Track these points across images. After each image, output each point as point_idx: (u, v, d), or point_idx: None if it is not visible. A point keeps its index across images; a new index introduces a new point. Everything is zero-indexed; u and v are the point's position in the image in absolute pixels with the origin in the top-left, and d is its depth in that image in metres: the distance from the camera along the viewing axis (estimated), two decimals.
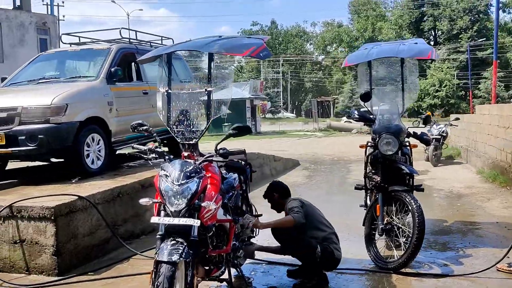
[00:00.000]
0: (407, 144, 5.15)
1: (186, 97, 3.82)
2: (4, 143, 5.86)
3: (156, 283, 3.02)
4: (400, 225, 4.71)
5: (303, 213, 4.28)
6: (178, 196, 3.28)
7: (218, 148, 3.64)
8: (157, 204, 3.42)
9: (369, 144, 5.26)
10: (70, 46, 8.22)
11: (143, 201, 3.40)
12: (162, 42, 9.22)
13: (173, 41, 8.18)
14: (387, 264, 4.64)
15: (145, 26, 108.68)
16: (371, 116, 5.23)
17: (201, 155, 3.76)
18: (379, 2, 69.69)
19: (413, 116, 58.43)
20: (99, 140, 6.62)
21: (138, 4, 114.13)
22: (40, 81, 6.98)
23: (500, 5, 66.50)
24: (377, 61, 5.47)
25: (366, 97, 5.20)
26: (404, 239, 4.64)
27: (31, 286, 4.42)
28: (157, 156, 3.68)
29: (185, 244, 3.21)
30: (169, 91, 3.83)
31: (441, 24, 62.77)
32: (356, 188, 5.79)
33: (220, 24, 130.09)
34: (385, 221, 4.74)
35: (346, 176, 12.01)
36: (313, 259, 4.23)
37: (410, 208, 4.55)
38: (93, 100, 6.57)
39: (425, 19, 65.64)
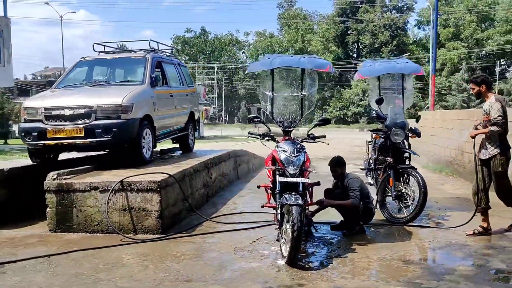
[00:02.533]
0: (409, 135, 7.09)
1: (287, 98, 5.49)
2: (83, 135, 7.09)
3: (291, 218, 4.62)
4: (408, 192, 6.61)
5: (359, 194, 5.78)
6: (295, 164, 4.95)
7: (308, 133, 5.36)
8: (272, 170, 5.06)
9: (380, 135, 7.14)
10: (99, 54, 9.48)
11: (269, 167, 5.04)
12: (172, 51, 10.73)
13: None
14: (399, 220, 6.52)
15: (65, 27, 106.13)
16: (384, 115, 7.14)
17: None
18: (307, 15, 73.65)
19: (339, 122, 62.61)
20: (150, 134, 8.00)
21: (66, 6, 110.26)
22: (94, 84, 8.21)
23: (416, 22, 73.25)
24: (383, 75, 7.47)
25: (380, 101, 7.11)
26: (411, 201, 6.54)
27: (150, 240, 5.80)
28: (269, 138, 5.32)
29: (299, 195, 4.88)
30: (274, 94, 5.47)
31: (364, 38, 67.60)
32: (361, 169, 7.68)
33: (144, 28, 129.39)
34: (397, 190, 6.63)
35: (317, 170, 13.97)
36: (357, 213, 5.97)
37: (415, 179, 6.47)
38: (146, 101, 7.91)
39: (349, 32, 70.39)
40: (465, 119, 10.62)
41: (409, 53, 63.30)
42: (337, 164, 6.19)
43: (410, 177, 6.68)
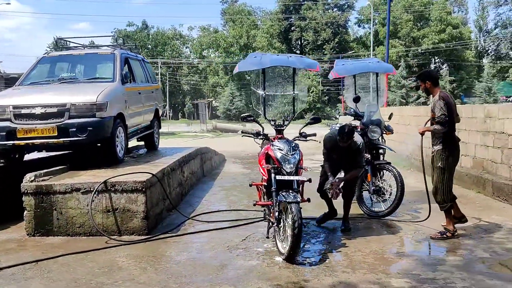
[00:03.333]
0: (384, 132, 7.34)
1: (279, 98, 5.54)
2: (56, 134, 6.81)
3: (291, 216, 4.70)
4: (385, 186, 6.87)
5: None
6: (291, 162, 5.02)
7: (301, 132, 5.45)
8: (267, 168, 5.11)
9: (358, 132, 7.35)
10: (61, 50, 9.14)
11: (265, 166, 5.09)
12: (135, 47, 10.52)
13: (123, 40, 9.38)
14: (378, 213, 6.77)
15: None
16: (361, 113, 7.35)
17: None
18: (251, 11, 73.91)
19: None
20: (122, 133, 7.81)
21: None
22: (62, 81, 7.90)
23: (356, 20, 75.42)
24: (358, 75, 7.70)
25: (357, 99, 7.32)
26: (388, 196, 6.80)
27: (137, 241, 5.69)
28: (263, 137, 5.36)
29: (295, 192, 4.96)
30: (266, 93, 5.50)
31: (307, 35, 68.75)
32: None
33: (79, 21, 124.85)
34: (375, 185, 6.87)
35: None
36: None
37: (393, 174, 6.73)
38: (118, 99, 7.70)
39: (292, 29, 71.38)
40: (422, 115, 11.13)
41: (354, 51, 65.19)
42: (350, 134, 5.72)
43: (385, 172, 6.95)
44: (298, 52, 73.46)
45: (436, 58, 68.19)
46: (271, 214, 5.51)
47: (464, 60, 66.12)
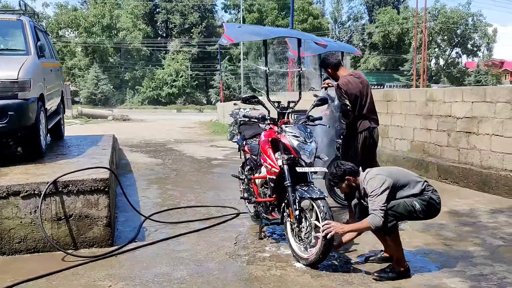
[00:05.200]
0: None
1: (281, 75, 4.71)
2: None
3: (320, 214, 3.99)
4: None
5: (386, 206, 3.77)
6: (310, 151, 4.29)
7: (308, 115, 4.72)
8: (285, 159, 4.32)
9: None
10: None
11: (280, 157, 4.29)
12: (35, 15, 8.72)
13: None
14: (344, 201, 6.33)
15: None
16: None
17: None
18: None
19: (153, 103, 61.21)
20: (44, 119, 6.33)
21: None
22: None
23: (222, 6, 75.37)
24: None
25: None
26: None
27: (105, 255, 4.49)
28: (271, 122, 4.52)
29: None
30: (269, 69, 4.64)
31: (174, 17, 66.87)
32: None
33: None
34: None
35: (184, 153, 13.20)
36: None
37: None
38: (39, 76, 6.20)
39: (158, 11, 68.94)
40: None
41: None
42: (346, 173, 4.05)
43: None
44: (164, 35, 71.29)
45: None
46: (271, 212, 4.76)
47: None
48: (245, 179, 5.38)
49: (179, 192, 7.65)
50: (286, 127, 4.44)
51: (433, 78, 64.45)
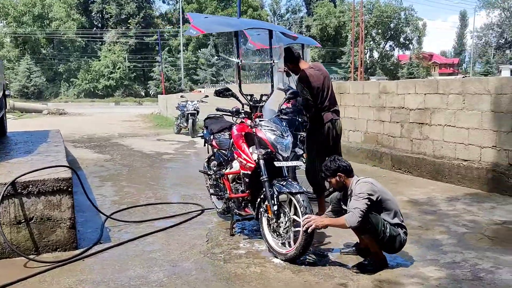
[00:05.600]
0: None
1: (256, 68, 4.60)
2: None
3: (300, 209, 3.96)
4: None
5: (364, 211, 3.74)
6: (287, 146, 4.24)
7: (281, 108, 4.65)
8: (259, 154, 4.24)
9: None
10: None
11: (257, 151, 4.20)
12: None
13: None
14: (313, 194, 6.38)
15: None
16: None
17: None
18: None
19: (90, 96, 59.06)
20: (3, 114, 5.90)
21: None
22: None
23: None
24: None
25: (288, 73, 6.67)
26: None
27: (71, 259, 4.23)
28: (246, 115, 4.41)
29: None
30: (242, 61, 4.51)
31: (109, 7, 64.72)
32: None
33: None
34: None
35: (132, 147, 12.82)
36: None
37: None
38: None
39: (92, 0, 66.48)
40: None
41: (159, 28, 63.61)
42: (338, 169, 4.05)
43: None
44: (100, 25, 68.84)
45: None
46: (244, 208, 4.67)
47: None
48: (213, 175, 5.25)
49: (135, 189, 7.39)
50: (261, 120, 4.35)
51: (369, 70, 66.47)
